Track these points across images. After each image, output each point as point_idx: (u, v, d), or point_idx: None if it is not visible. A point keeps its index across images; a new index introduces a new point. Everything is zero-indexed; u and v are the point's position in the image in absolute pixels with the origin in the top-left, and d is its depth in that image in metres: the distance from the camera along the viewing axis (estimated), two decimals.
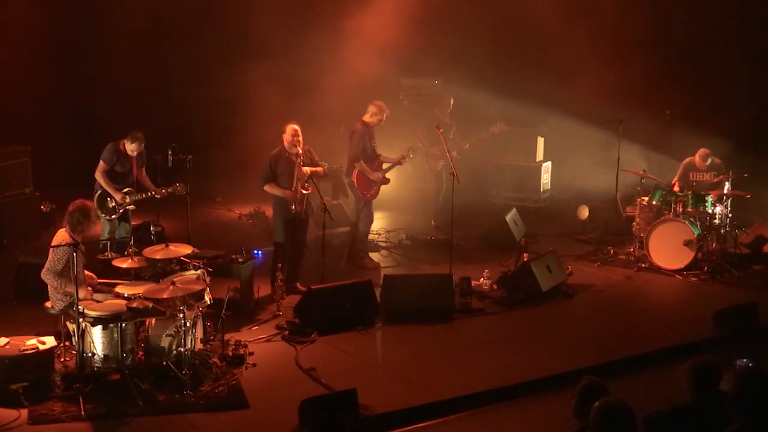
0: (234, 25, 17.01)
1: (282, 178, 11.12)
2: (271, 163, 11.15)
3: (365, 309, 10.58)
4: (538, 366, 9.32)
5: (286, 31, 16.30)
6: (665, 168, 14.52)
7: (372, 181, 12.47)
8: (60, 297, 8.82)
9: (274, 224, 11.51)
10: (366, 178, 12.42)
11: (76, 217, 8.93)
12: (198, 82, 16.85)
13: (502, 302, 11.25)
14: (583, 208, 14.60)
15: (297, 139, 11.04)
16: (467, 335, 10.37)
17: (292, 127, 11.10)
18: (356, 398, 8.10)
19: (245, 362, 9.16)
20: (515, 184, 16.31)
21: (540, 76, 16.05)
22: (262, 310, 10.85)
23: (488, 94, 15.65)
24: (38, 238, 13.23)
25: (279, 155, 11.15)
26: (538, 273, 11.32)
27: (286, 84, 15.51)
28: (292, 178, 11.07)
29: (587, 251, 13.57)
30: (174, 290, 8.59)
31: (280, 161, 11.13)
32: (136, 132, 11.37)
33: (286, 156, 11.13)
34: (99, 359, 8.40)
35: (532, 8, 16.01)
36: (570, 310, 11.26)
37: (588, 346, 9.97)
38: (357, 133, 12.39)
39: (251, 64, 15.36)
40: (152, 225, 11.28)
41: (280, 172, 11.12)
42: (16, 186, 13.46)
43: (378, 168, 12.56)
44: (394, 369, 9.29)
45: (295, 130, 11.08)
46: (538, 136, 16.35)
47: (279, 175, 11.13)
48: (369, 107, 12.48)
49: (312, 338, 9.91)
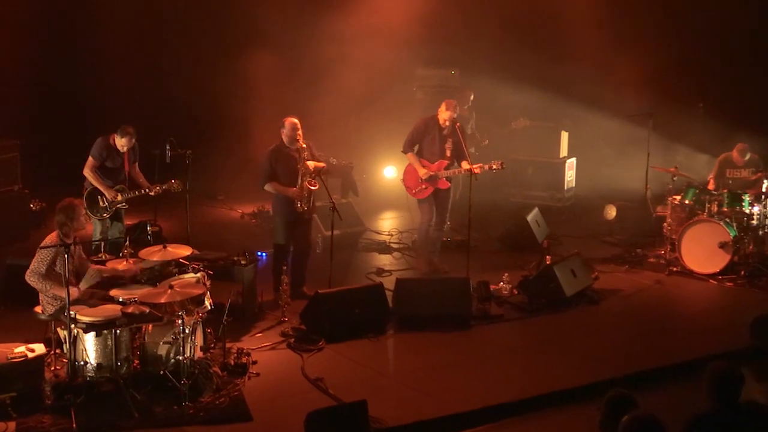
0: (236, 12, 17.03)
1: (282, 176, 11.11)
2: (271, 159, 11.12)
3: (376, 315, 10.57)
4: (561, 377, 9.28)
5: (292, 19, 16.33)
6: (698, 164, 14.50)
7: (419, 177, 12.23)
8: (50, 301, 8.83)
9: (275, 225, 11.51)
10: (415, 173, 12.28)
11: (61, 217, 8.94)
12: (198, 72, 16.88)
13: (522, 308, 11.23)
14: (610, 207, 14.57)
15: (297, 133, 11.03)
16: (485, 343, 10.34)
17: (291, 120, 11.09)
18: (366, 410, 8.07)
19: (248, 372, 9.14)
20: (537, 182, 16.30)
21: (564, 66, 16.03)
22: (266, 316, 10.84)
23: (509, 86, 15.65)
24: (27, 238, 13.27)
25: (278, 151, 11.13)
26: (561, 277, 11.29)
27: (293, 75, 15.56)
28: (293, 176, 11.05)
29: (614, 254, 13.54)
30: (172, 294, 8.58)
31: (280, 158, 11.11)
32: (127, 126, 11.35)
33: (286, 152, 11.12)
34: (92, 368, 8.39)
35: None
36: (596, 317, 11.22)
37: (615, 355, 9.93)
38: (414, 124, 12.30)
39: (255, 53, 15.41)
40: (149, 224, 11.31)
41: (280, 169, 11.11)
42: (4, 183, 13.49)
43: (435, 168, 12.16)
44: (407, 379, 9.26)
45: (294, 124, 11.06)
46: (562, 130, 16.33)
47: (279, 173, 11.12)
48: (442, 104, 12.26)
49: (319, 346, 9.89)
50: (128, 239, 9.76)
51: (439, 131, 12.14)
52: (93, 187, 11.28)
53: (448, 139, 12.15)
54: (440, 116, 12.09)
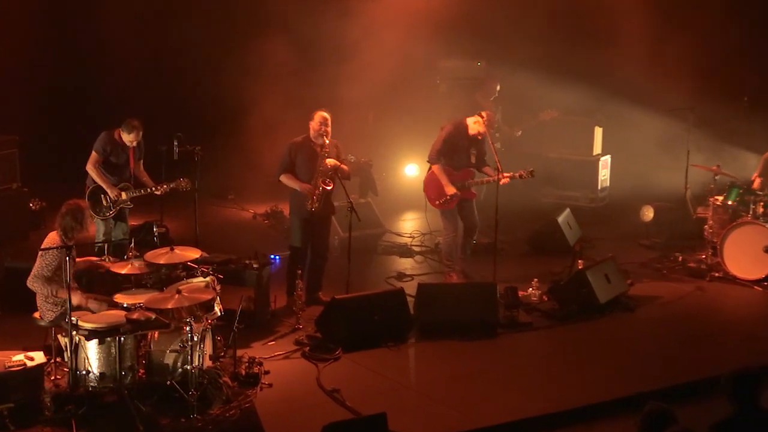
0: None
1: (301, 170, 11.13)
2: (291, 150, 11.14)
3: (397, 322, 10.57)
4: (594, 389, 9.27)
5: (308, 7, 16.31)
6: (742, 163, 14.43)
7: (443, 187, 12.18)
8: (50, 306, 8.87)
9: (291, 225, 11.54)
10: (438, 183, 12.24)
11: (68, 221, 8.98)
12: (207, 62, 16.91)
13: (553, 316, 11.22)
14: (646, 208, 14.52)
15: (325, 128, 11.03)
16: (513, 353, 10.34)
17: (321, 114, 11.09)
18: (386, 424, 8.07)
19: (260, 382, 9.16)
20: (569, 181, 16.27)
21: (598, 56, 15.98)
22: (279, 322, 10.88)
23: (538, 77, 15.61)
24: (26, 239, 13.35)
25: (302, 144, 11.15)
26: (594, 282, 11.27)
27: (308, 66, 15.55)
28: (312, 172, 11.08)
29: (651, 258, 13.53)
30: (180, 300, 8.61)
31: (302, 150, 11.12)
32: (132, 120, 11.31)
33: (310, 146, 11.14)
34: (94, 378, 8.44)
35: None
36: (631, 325, 11.21)
37: (652, 366, 9.91)
38: (445, 132, 12.22)
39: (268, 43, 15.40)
40: (155, 225, 11.33)
41: (299, 162, 11.12)
42: (2, 181, 13.57)
43: (461, 177, 12.12)
44: (429, 391, 9.27)
45: (324, 118, 11.06)
46: (596, 125, 16.29)
47: (298, 166, 11.14)
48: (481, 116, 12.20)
49: (336, 355, 9.91)
50: (133, 241, 9.81)
51: (467, 138, 12.11)
52: (95, 185, 11.29)
53: (473, 146, 12.16)
54: (474, 126, 11.98)
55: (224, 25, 17.20)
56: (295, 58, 15.46)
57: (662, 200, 14.81)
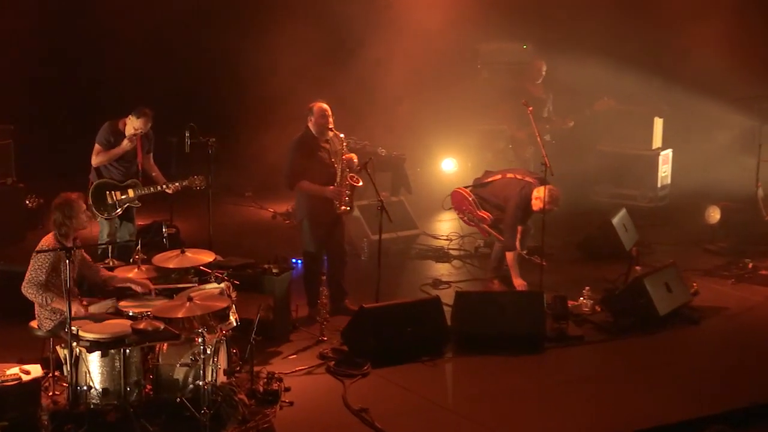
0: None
1: (313, 171, 11.13)
2: (299, 150, 11.14)
3: (432, 334, 10.60)
4: (652, 411, 9.23)
5: None
6: None
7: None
8: (48, 315, 8.93)
9: (302, 229, 11.49)
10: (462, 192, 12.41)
11: (57, 216, 9.02)
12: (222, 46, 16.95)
13: (606, 329, 11.21)
14: (712, 209, 14.48)
15: (328, 120, 11.06)
16: (561, 370, 10.33)
17: (321, 106, 11.10)
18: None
19: (280, 400, 9.18)
20: (625, 178, 16.25)
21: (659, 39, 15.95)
22: (301, 334, 10.91)
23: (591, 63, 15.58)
24: (22, 239, 13.44)
25: (305, 143, 11.15)
26: (653, 292, 11.25)
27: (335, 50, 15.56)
28: (327, 171, 11.09)
29: (718, 265, 13.48)
30: (191, 308, 8.63)
31: (310, 151, 11.12)
32: (144, 107, 11.39)
33: (315, 143, 11.14)
34: (96, 394, 8.47)
35: None
36: (694, 340, 11.17)
37: (717, 385, 9.87)
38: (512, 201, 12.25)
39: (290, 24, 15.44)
40: (164, 225, 11.36)
41: (310, 165, 11.12)
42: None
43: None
44: (467, 411, 9.25)
45: (325, 110, 11.07)
46: (656, 116, 16.24)
47: (308, 168, 11.13)
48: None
49: (364, 371, 9.92)
50: (139, 242, 9.85)
51: (529, 215, 12.20)
52: (100, 180, 11.33)
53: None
54: (536, 203, 11.90)
55: (242, 6, 17.22)
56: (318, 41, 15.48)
57: (730, 200, 14.76)
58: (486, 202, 12.29)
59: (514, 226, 12.09)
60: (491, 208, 12.26)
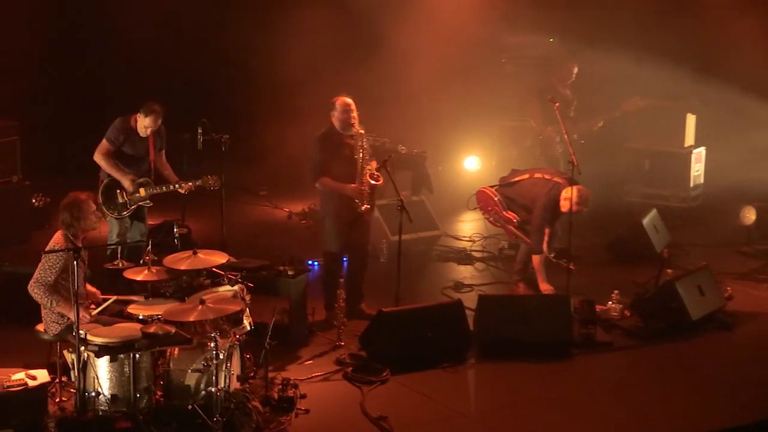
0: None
1: (336, 169, 11.14)
2: (321, 146, 11.15)
3: (454, 339, 10.58)
4: (683, 421, 9.23)
5: None
6: None
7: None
8: (54, 318, 8.95)
9: (325, 228, 11.50)
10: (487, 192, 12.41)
11: (65, 216, 9.04)
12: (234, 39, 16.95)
13: (636, 334, 11.18)
14: (748, 209, 14.43)
15: (352, 116, 11.06)
16: (589, 377, 10.33)
17: (344, 101, 11.11)
18: None
19: (295, 407, 9.18)
20: (656, 177, 16.20)
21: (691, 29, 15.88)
22: (317, 339, 10.92)
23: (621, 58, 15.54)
24: (28, 239, 13.48)
25: (328, 138, 11.16)
26: (685, 296, 11.22)
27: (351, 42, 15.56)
28: (350, 168, 11.09)
29: (753, 268, 13.47)
30: (203, 311, 8.65)
31: (333, 146, 11.14)
32: (152, 104, 11.34)
33: (339, 139, 11.15)
34: (105, 400, 8.49)
35: None
36: (728, 347, 11.15)
37: (752, 395, 9.84)
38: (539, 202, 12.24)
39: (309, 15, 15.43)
40: (176, 225, 11.38)
41: (333, 161, 11.13)
42: (1, 173, 13.69)
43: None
44: (491, 420, 9.26)
45: (348, 105, 11.08)
46: (688, 112, 16.20)
47: (332, 166, 11.14)
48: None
49: (383, 377, 9.92)
50: (150, 243, 9.86)
51: (557, 217, 12.15)
52: (110, 178, 11.33)
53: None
54: (565, 204, 11.88)
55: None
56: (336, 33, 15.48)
57: (766, 200, 14.71)
58: (512, 203, 12.27)
59: (541, 228, 12.06)
60: (518, 209, 12.24)
